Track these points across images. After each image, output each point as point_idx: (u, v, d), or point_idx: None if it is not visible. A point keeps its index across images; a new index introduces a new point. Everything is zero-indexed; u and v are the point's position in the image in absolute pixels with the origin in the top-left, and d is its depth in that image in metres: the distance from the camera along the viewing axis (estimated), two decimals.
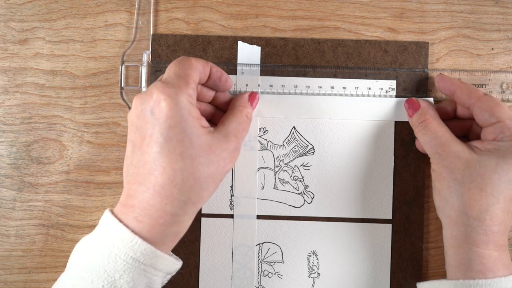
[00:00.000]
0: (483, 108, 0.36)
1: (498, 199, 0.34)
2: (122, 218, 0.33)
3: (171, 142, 0.32)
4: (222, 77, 0.37)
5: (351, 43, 0.42)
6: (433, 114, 0.38)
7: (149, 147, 0.32)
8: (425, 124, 0.38)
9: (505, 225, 0.35)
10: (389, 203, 0.41)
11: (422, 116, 0.38)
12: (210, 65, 0.36)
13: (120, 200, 0.34)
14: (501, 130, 0.35)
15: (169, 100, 0.32)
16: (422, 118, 0.38)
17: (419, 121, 0.38)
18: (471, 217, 0.34)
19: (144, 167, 0.32)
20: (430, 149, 0.37)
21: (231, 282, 0.41)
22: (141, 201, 0.32)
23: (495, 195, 0.34)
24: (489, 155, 0.35)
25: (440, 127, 0.37)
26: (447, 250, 0.37)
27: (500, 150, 0.35)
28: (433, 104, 0.40)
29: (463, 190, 0.35)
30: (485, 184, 0.34)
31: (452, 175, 0.35)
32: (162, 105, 0.32)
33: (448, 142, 0.36)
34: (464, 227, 0.35)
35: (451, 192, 0.35)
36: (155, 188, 0.32)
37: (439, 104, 0.40)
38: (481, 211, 0.34)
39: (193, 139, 0.33)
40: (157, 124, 0.32)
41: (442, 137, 0.37)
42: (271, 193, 0.42)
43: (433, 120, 0.38)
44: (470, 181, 0.35)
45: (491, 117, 0.35)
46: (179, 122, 0.32)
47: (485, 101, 0.36)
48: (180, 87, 0.33)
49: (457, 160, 0.35)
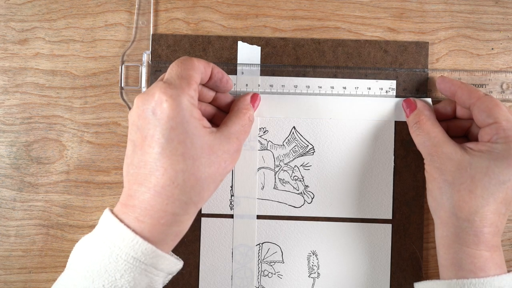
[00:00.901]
0: (481, 108, 0.36)
1: (487, 201, 0.34)
2: (123, 218, 0.33)
3: (172, 143, 0.32)
4: (223, 78, 0.37)
5: (351, 43, 0.42)
6: (428, 114, 0.38)
7: (150, 147, 0.32)
8: (419, 124, 0.38)
9: (496, 226, 0.35)
10: (389, 203, 0.41)
11: (417, 116, 0.38)
12: (212, 66, 0.36)
13: (120, 199, 0.34)
14: (496, 131, 0.35)
15: (171, 101, 0.32)
16: (417, 118, 0.38)
17: (414, 121, 0.38)
18: (461, 219, 0.34)
19: (145, 168, 0.32)
20: (424, 149, 0.37)
21: (231, 282, 0.41)
22: (142, 201, 0.32)
23: (485, 197, 0.34)
24: (481, 156, 0.35)
25: (434, 128, 0.37)
26: (438, 250, 0.37)
27: (492, 152, 0.35)
28: (431, 104, 0.40)
29: (453, 192, 0.35)
30: (475, 186, 0.34)
31: (443, 176, 0.35)
32: (164, 106, 0.32)
33: (440, 143, 0.36)
34: (454, 228, 0.35)
35: (441, 193, 0.35)
36: (156, 189, 0.32)
37: (438, 104, 0.40)
38: (471, 213, 0.34)
39: (194, 140, 0.33)
40: (158, 125, 0.32)
41: (435, 138, 0.37)
42: (271, 193, 0.42)
43: (427, 120, 0.38)
44: (460, 182, 0.35)
45: (489, 118, 0.35)
46: (181, 123, 0.32)
47: (484, 101, 0.36)
48: (182, 88, 0.33)
49: (449, 162, 0.35)
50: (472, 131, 0.39)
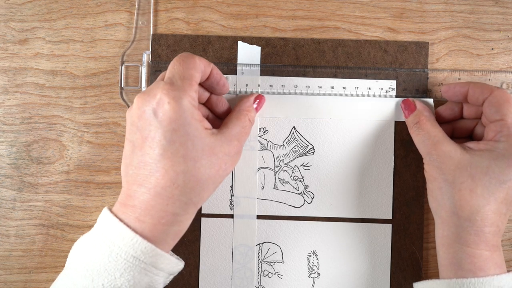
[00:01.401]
0: (492, 102, 0.35)
1: (488, 201, 0.34)
2: (123, 217, 0.33)
3: (174, 145, 0.32)
4: (220, 80, 0.37)
5: (351, 43, 0.42)
6: (428, 115, 0.38)
7: (151, 148, 0.32)
8: (419, 124, 0.38)
9: (497, 226, 0.35)
10: (389, 203, 0.41)
11: (417, 117, 0.38)
12: (212, 66, 0.36)
13: (119, 199, 0.34)
14: (501, 128, 0.35)
15: (173, 103, 0.32)
16: (417, 119, 0.38)
17: (414, 122, 0.39)
18: (462, 218, 0.34)
19: (144, 168, 0.32)
20: (423, 149, 0.37)
21: (231, 282, 0.41)
22: (142, 201, 0.32)
23: (486, 197, 0.34)
24: (481, 155, 0.35)
25: (433, 128, 0.37)
26: (438, 250, 0.37)
27: (493, 151, 0.34)
28: (433, 105, 0.40)
29: (454, 191, 0.35)
30: (475, 186, 0.34)
31: (443, 176, 0.35)
32: (165, 108, 0.32)
33: (440, 142, 0.36)
34: (455, 227, 0.35)
35: (442, 193, 0.35)
36: (156, 190, 0.32)
37: (445, 105, 0.40)
38: (472, 212, 0.34)
39: (195, 141, 0.33)
40: (160, 126, 0.32)
41: (435, 137, 0.37)
42: (271, 193, 0.42)
43: (427, 121, 0.38)
44: (461, 182, 0.34)
45: (496, 113, 0.35)
46: (183, 125, 0.32)
47: (496, 95, 0.35)
48: (184, 89, 0.33)
49: (449, 161, 0.35)
50: (476, 132, 0.39)
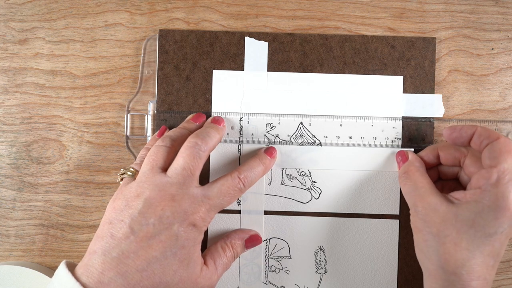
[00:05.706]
0: (495, 148, 0.33)
1: (474, 254, 0.33)
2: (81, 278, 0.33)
3: (175, 258, 0.34)
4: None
5: (358, 38, 0.42)
6: (418, 166, 0.38)
7: (151, 249, 0.34)
8: (407, 174, 0.38)
9: (485, 279, 0.33)
10: (396, 199, 0.41)
11: (407, 167, 0.38)
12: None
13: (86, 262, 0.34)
14: (490, 175, 0.33)
15: (187, 237, 0.35)
16: (406, 168, 0.38)
17: (403, 171, 0.38)
18: (448, 272, 0.33)
19: (134, 261, 0.33)
20: (410, 200, 0.37)
21: (239, 278, 0.41)
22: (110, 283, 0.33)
23: (471, 250, 0.33)
24: (467, 208, 0.33)
25: (422, 179, 0.37)
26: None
27: (480, 202, 0.33)
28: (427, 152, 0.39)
29: (439, 244, 0.34)
30: (460, 239, 0.33)
31: (428, 228, 0.34)
32: (181, 234, 0.35)
33: (426, 194, 0.35)
34: (441, 281, 0.34)
35: (427, 246, 0.35)
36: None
37: (421, 152, 0.39)
38: (457, 266, 0.33)
39: (190, 269, 0.35)
40: (168, 246, 0.34)
41: (422, 188, 0.36)
42: (278, 189, 0.42)
43: (416, 171, 0.37)
44: (445, 235, 0.34)
45: (493, 160, 0.33)
46: (188, 253, 0.35)
47: (501, 142, 0.33)
48: (201, 232, 0.36)
49: (434, 213, 0.34)
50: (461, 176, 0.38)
